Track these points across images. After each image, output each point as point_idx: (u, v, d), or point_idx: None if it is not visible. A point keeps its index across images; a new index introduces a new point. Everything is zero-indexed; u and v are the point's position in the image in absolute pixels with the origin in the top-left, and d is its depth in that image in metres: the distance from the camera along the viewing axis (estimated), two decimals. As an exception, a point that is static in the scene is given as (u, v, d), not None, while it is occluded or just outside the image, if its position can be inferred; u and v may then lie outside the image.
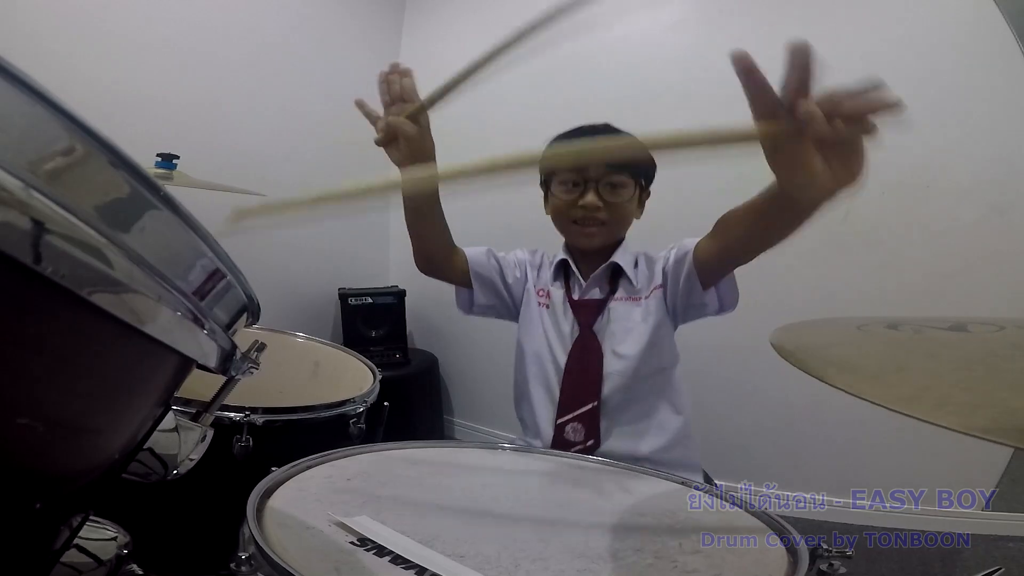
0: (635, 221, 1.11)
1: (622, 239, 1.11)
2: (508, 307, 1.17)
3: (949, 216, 1.74)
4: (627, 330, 1.06)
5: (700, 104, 2.02)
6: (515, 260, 1.18)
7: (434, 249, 1.11)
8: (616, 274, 1.10)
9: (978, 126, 1.70)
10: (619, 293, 1.09)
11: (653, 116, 2.14)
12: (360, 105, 0.97)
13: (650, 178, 1.09)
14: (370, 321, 2.37)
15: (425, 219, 1.06)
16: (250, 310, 0.46)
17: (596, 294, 1.10)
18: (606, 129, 1.05)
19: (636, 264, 1.10)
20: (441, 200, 1.05)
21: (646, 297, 1.07)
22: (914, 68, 1.74)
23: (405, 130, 0.93)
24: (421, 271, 1.13)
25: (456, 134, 2.67)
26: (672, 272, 1.05)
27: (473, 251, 1.15)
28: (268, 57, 2.19)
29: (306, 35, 2.33)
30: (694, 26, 2.05)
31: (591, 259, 1.10)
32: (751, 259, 0.92)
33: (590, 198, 1.03)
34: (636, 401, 1.05)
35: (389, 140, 0.95)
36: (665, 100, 2.06)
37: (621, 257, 1.09)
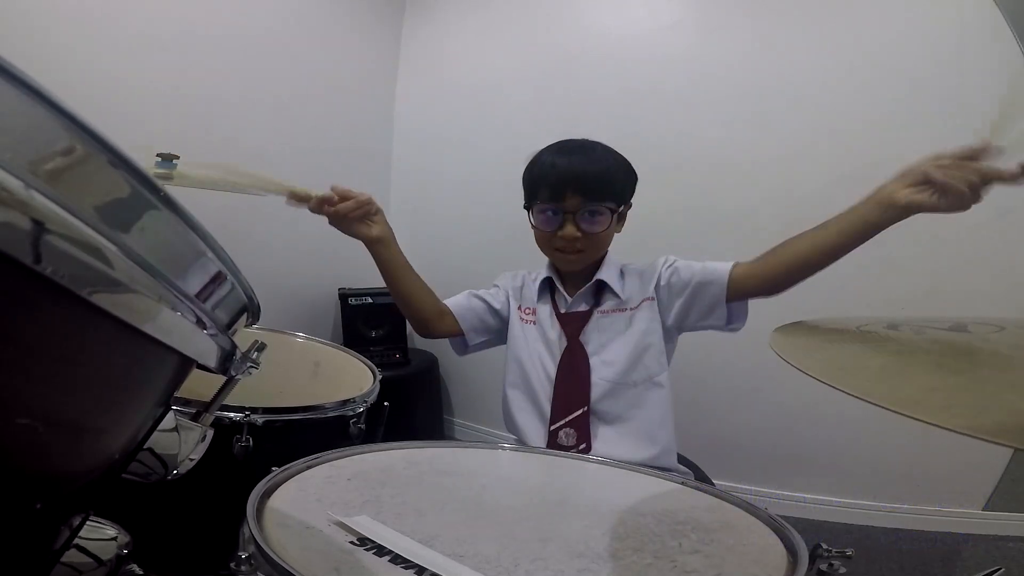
0: (616, 235, 1.13)
1: (604, 255, 1.14)
2: (503, 335, 1.21)
3: (949, 216, 1.74)
4: (611, 339, 1.10)
5: (699, 104, 2.03)
6: (498, 288, 1.22)
7: (424, 315, 1.18)
8: (601, 288, 1.13)
9: (978, 126, 1.70)
10: (605, 305, 1.13)
11: (652, 117, 2.14)
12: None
13: (626, 198, 1.11)
14: (370, 321, 2.37)
15: (406, 292, 1.16)
16: (250, 310, 0.46)
17: (582, 307, 1.14)
18: (583, 145, 1.09)
19: (622, 275, 1.14)
20: (414, 272, 1.16)
21: (633, 308, 1.11)
22: (914, 68, 1.74)
23: (375, 206, 1.07)
24: (422, 336, 1.22)
25: (456, 134, 2.69)
26: (688, 292, 1.07)
27: (455, 302, 1.20)
28: (268, 57, 2.19)
29: (306, 36, 2.33)
30: (693, 26, 2.05)
31: (576, 276, 1.14)
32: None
33: (568, 230, 1.06)
34: (623, 408, 1.08)
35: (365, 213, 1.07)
36: (664, 100, 2.06)
37: (605, 273, 1.12)
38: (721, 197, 1.98)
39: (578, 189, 1.04)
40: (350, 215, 1.04)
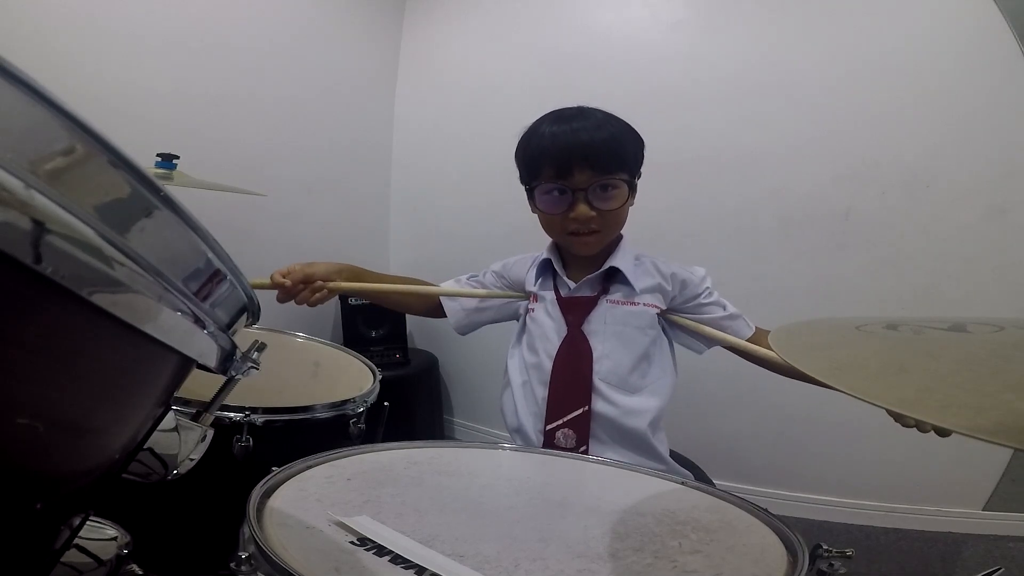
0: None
1: (620, 237, 1.07)
2: (501, 312, 1.18)
3: (949, 216, 1.74)
4: (618, 333, 1.01)
5: (700, 103, 2.03)
6: (488, 282, 1.19)
7: (424, 313, 1.25)
8: (611, 275, 1.04)
9: (978, 126, 1.70)
10: (614, 295, 1.03)
11: (653, 116, 2.13)
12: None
13: (638, 168, 1.02)
14: (370, 321, 2.37)
15: (398, 307, 1.31)
16: (250, 310, 0.46)
17: (587, 292, 1.04)
18: (581, 111, 1.00)
19: (637, 264, 1.05)
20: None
21: (645, 304, 1.03)
22: (914, 68, 1.74)
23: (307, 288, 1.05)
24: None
25: (456, 134, 2.69)
26: (699, 316, 1.06)
27: (449, 309, 1.19)
28: (268, 57, 2.19)
29: (306, 35, 2.33)
30: (694, 25, 2.05)
31: (583, 260, 1.06)
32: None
33: (581, 210, 0.96)
34: (626, 409, 0.99)
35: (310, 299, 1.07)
36: (665, 99, 2.06)
37: (620, 259, 1.03)
38: (721, 195, 1.98)
39: (587, 162, 0.93)
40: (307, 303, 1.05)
